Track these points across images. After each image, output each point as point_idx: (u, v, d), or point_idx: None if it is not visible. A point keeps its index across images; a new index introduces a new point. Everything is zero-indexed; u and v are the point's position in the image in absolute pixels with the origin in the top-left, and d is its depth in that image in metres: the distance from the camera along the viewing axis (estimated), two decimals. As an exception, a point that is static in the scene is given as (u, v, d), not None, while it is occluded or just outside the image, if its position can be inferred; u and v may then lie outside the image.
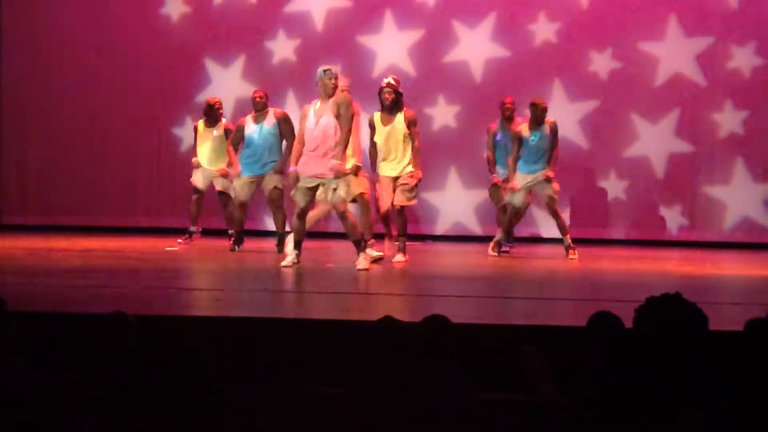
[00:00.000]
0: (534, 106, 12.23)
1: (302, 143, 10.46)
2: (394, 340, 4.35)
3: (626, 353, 4.14)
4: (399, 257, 11.27)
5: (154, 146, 15.51)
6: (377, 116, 11.44)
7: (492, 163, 12.78)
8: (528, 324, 7.20)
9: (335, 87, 10.49)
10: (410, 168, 11.30)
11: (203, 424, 3.91)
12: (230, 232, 12.96)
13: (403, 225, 11.37)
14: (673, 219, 14.36)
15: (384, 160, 11.37)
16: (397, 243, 11.34)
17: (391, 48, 15.04)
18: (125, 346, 4.36)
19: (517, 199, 12.20)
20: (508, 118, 12.72)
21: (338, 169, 10.29)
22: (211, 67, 15.28)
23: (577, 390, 4.24)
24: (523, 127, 12.25)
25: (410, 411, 4.10)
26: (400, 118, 11.32)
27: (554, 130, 12.19)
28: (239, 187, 12.50)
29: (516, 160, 12.20)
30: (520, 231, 13.70)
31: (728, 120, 14.36)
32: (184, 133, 15.21)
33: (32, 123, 15.56)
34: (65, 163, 15.52)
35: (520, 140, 12.16)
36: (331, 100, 10.43)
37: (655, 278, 10.75)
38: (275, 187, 12.36)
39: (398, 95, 11.35)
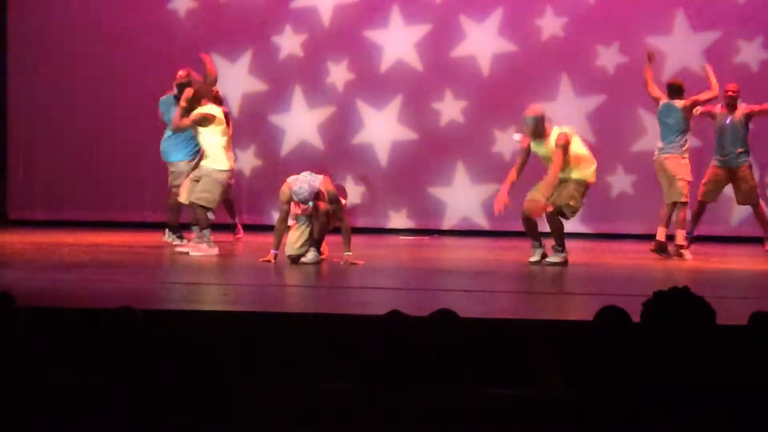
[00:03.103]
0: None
1: None
2: (402, 334, 4.36)
3: (633, 347, 4.14)
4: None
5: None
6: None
7: None
8: (535, 318, 7.21)
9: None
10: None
11: (211, 419, 3.91)
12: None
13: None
14: (680, 213, 14.33)
15: None
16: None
17: (398, 43, 15.03)
18: (132, 341, 4.36)
19: None
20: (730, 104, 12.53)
21: None
22: (218, 62, 15.25)
23: (584, 384, 4.24)
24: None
25: (418, 406, 4.10)
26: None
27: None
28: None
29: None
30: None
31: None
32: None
33: (39, 118, 15.56)
34: (72, 158, 15.51)
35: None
36: None
37: (662, 272, 10.74)
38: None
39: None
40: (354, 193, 15.13)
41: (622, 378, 4.00)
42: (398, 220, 15.14)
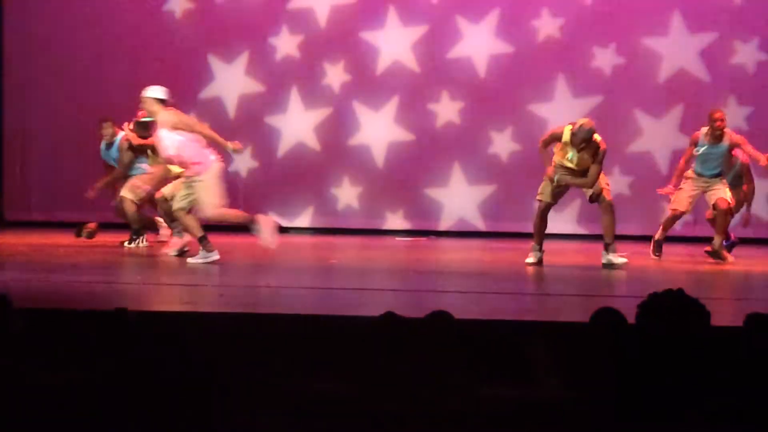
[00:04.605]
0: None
1: None
2: (397, 336, 4.35)
3: (629, 349, 4.14)
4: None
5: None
6: None
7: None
8: (531, 320, 7.20)
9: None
10: None
11: (206, 420, 3.91)
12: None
13: None
14: (676, 215, 14.32)
15: None
16: None
17: (394, 44, 15.03)
18: (126, 343, 4.36)
19: None
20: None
21: None
22: (215, 63, 15.28)
23: (580, 386, 4.24)
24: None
25: (414, 407, 4.10)
26: None
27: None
28: None
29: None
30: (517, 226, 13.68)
31: (732, 116, 14.31)
32: (187, 129, 15.17)
33: (36, 119, 15.55)
34: (69, 159, 15.50)
35: None
36: None
37: (657, 274, 10.74)
38: None
39: None
40: (350, 194, 15.12)
41: (618, 380, 4.00)
42: (395, 221, 15.14)
